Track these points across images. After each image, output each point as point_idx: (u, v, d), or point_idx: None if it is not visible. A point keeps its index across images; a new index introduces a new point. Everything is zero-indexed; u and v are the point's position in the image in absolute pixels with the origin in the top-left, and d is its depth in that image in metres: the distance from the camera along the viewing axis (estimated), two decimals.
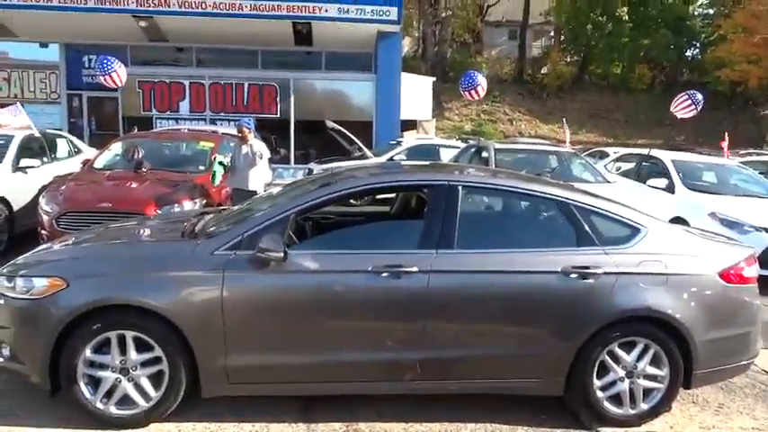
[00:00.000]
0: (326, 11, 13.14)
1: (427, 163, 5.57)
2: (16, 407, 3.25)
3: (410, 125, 20.08)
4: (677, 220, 6.79)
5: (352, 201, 8.45)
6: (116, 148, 7.76)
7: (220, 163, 7.11)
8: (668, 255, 3.36)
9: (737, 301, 3.48)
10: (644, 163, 8.95)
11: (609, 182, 7.92)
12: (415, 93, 19.53)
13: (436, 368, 3.24)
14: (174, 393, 3.09)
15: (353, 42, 14.59)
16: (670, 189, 7.75)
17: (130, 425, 3.09)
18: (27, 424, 3.09)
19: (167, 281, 3.03)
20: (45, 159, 7.93)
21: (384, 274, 3.10)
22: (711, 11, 31.86)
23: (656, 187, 7.82)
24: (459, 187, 3.37)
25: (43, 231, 5.94)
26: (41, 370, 3.00)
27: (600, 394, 3.32)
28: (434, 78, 22.97)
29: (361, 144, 10.63)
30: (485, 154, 8.12)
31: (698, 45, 32.56)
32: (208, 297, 3.02)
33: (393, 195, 4.75)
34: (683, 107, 9.83)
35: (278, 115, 15.23)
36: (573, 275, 3.22)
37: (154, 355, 3.05)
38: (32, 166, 7.39)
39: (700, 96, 9.83)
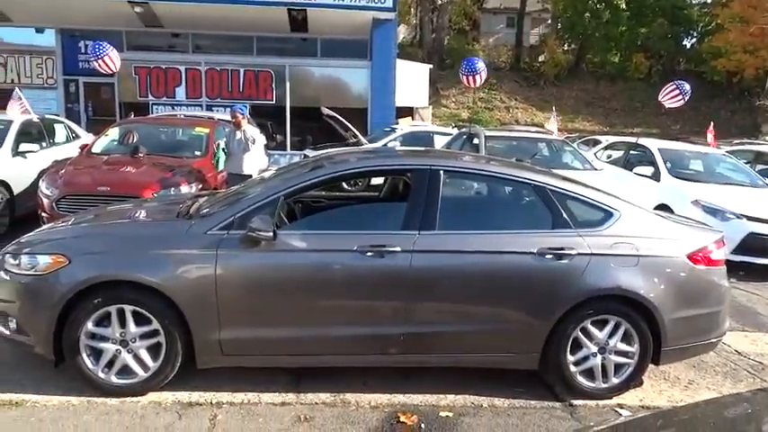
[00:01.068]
0: None
1: (414, 149, 5.72)
2: (23, 377, 3.43)
3: (406, 112, 20.15)
4: (662, 207, 6.96)
5: (345, 185, 8.65)
6: (113, 133, 7.89)
7: (223, 150, 7.23)
8: (639, 237, 3.52)
9: (705, 282, 3.65)
10: (632, 151, 9.10)
11: (596, 169, 8.08)
12: (412, 80, 19.60)
13: (419, 342, 3.40)
14: (171, 364, 3.27)
15: (349, 29, 14.61)
16: (656, 177, 7.91)
17: (130, 393, 3.27)
18: (33, 392, 3.27)
19: (163, 258, 3.19)
20: (44, 144, 8.04)
21: (369, 254, 3.26)
22: (709, 0, 31.85)
23: (642, 175, 7.98)
24: (441, 172, 3.51)
25: (44, 214, 6.09)
26: (46, 342, 3.18)
27: (573, 369, 3.50)
28: (431, 65, 23.04)
29: (356, 131, 10.75)
30: (476, 141, 8.28)
31: (695, 34, 32.68)
32: (202, 274, 3.18)
33: (382, 181, 4.91)
34: (671, 97, 9.96)
35: (274, 102, 15.30)
36: (548, 256, 3.38)
37: (152, 328, 3.22)
38: (32, 151, 7.51)
39: (687, 86, 9.95)
